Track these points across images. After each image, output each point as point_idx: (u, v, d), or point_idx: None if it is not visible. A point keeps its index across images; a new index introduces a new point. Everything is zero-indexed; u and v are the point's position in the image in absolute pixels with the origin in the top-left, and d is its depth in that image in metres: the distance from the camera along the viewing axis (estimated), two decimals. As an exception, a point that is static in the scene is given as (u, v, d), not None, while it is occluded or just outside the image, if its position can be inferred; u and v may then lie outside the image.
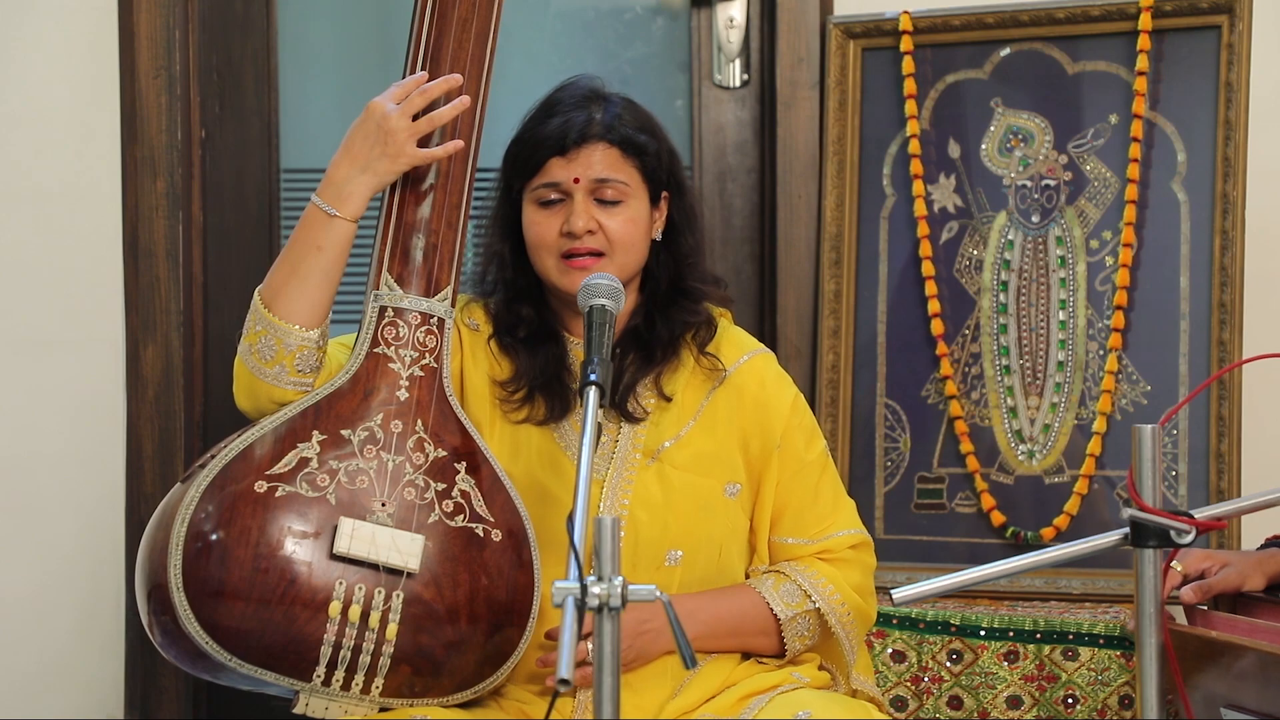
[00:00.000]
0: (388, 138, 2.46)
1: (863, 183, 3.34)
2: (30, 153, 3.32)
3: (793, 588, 2.56)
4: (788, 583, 2.57)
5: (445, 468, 2.48)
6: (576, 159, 2.54)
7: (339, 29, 3.54)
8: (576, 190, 2.54)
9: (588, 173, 2.54)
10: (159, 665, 3.29)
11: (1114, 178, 3.19)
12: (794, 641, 2.57)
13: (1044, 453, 3.19)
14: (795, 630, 2.56)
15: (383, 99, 2.48)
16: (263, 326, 2.47)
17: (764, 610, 2.55)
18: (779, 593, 2.56)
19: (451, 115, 2.50)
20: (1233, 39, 3.12)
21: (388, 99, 2.48)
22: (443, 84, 2.51)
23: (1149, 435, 2.16)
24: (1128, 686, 2.91)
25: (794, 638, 2.56)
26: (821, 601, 2.56)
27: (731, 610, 2.55)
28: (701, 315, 2.63)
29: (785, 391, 2.64)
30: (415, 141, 2.48)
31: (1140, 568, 2.17)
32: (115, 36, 3.32)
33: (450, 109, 2.50)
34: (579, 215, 2.53)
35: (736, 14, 3.43)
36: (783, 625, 2.55)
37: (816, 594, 2.56)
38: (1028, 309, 3.22)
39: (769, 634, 2.57)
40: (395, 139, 2.46)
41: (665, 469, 2.57)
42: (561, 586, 1.98)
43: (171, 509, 2.40)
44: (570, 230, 2.53)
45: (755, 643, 2.57)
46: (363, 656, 2.39)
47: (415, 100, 2.48)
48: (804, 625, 2.57)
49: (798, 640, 2.57)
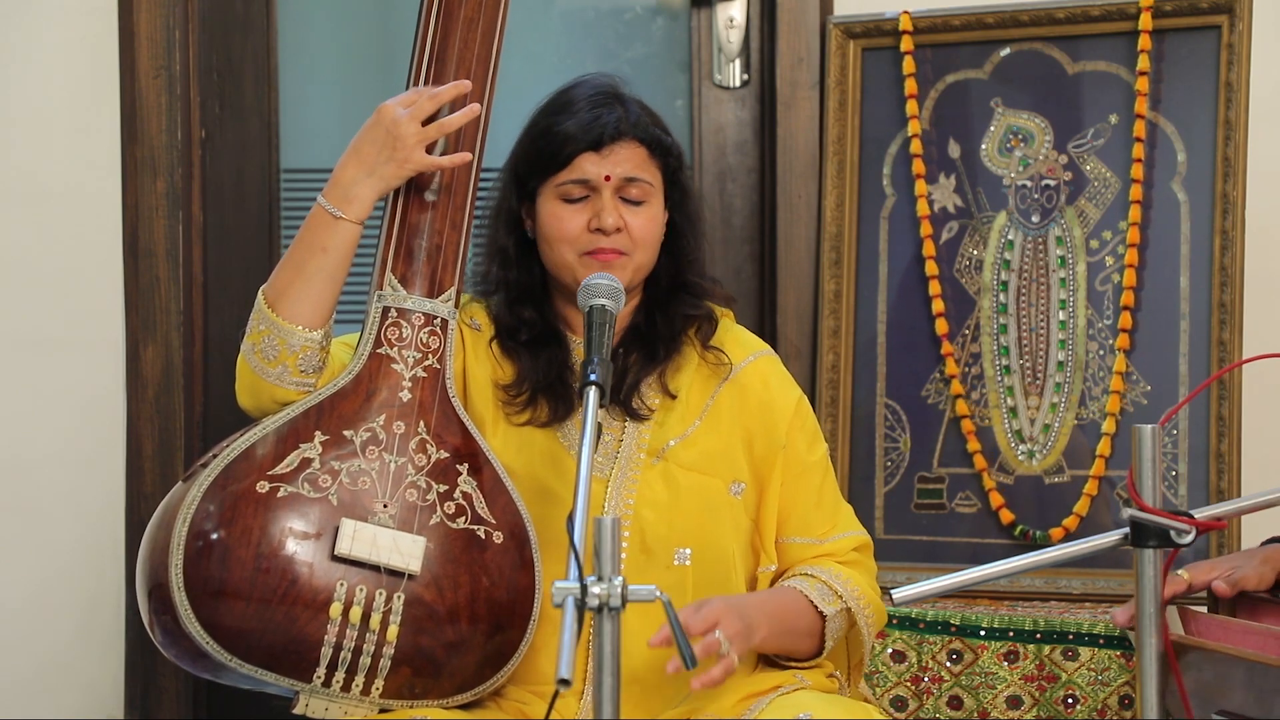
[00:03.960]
0: (396, 142, 2.46)
1: (863, 183, 3.34)
2: (30, 153, 3.32)
3: (824, 589, 2.55)
4: (818, 583, 2.55)
5: (447, 469, 2.48)
6: (610, 156, 2.54)
7: (339, 29, 3.54)
8: (605, 187, 2.54)
9: (618, 170, 2.54)
10: (159, 665, 3.29)
11: (1114, 178, 3.19)
12: (829, 641, 2.55)
13: (1044, 453, 3.19)
14: (833, 629, 2.55)
15: (394, 103, 2.48)
16: (266, 326, 2.47)
17: (810, 610, 2.53)
18: (815, 592, 2.55)
19: (461, 122, 2.50)
20: (1233, 39, 3.12)
21: (398, 104, 2.48)
22: (452, 89, 2.51)
23: (1149, 435, 2.16)
24: (1128, 686, 2.91)
25: (830, 637, 2.55)
26: (851, 601, 2.55)
27: (790, 607, 2.52)
28: (702, 309, 2.63)
29: (790, 393, 2.64)
30: (423, 147, 2.48)
31: (1140, 568, 2.17)
32: (115, 36, 3.31)
33: (460, 116, 2.50)
34: (609, 212, 2.53)
35: (736, 14, 3.43)
36: (826, 623, 2.54)
37: (846, 594, 2.55)
38: (1028, 309, 3.22)
39: (814, 635, 2.55)
40: (404, 144, 2.46)
41: (670, 468, 2.57)
42: (561, 586, 1.98)
43: (173, 508, 2.40)
44: (601, 227, 2.52)
45: (802, 643, 2.55)
46: (363, 658, 2.39)
47: (424, 105, 2.48)
48: (838, 625, 2.56)
49: (831, 640, 2.56)
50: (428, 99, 2.49)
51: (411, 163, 2.48)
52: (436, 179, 2.55)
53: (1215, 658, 2.29)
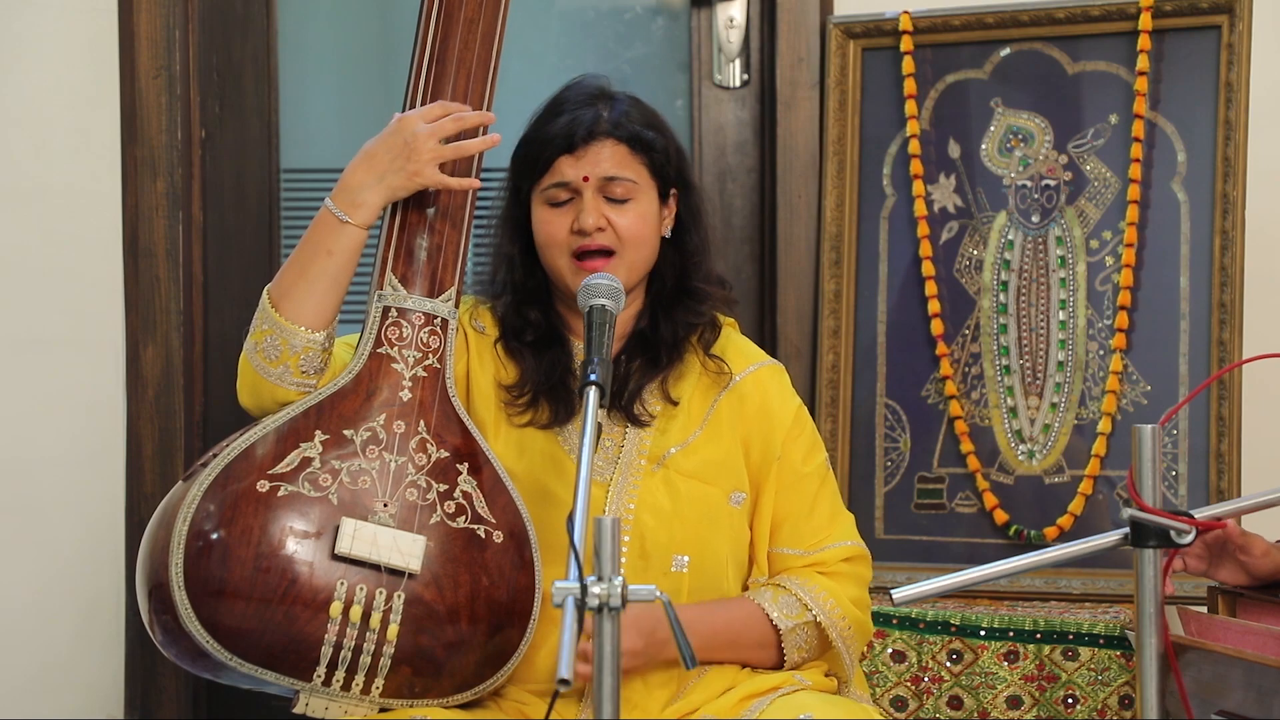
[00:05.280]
0: (412, 154, 2.47)
1: (863, 183, 3.34)
2: (30, 153, 3.32)
3: (791, 599, 2.55)
4: (785, 594, 2.56)
5: (447, 468, 2.48)
6: (585, 157, 2.55)
7: (339, 29, 3.53)
8: (586, 188, 2.55)
9: (596, 170, 2.54)
10: (159, 665, 3.29)
11: (1114, 178, 3.19)
12: (793, 653, 2.55)
13: (1044, 453, 3.19)
14: (794, 642, 2.55)
15: (415, 115, 2.49)
16: (269, 326, 2.47)
17: (763, 622, 2.54)
18: (777, 604, 2.54)
19: (480, 149, 2.52)
20: (1233, 39, 3.12)
21: (420, 117, 2.48)
22: (477, 118, 2.52)
23: (1149, 435, 2.16)
24: (1128, 686, 2.91)
25: (793, 649, 2.55)
26: (821, 614, 2.55)
27: (731, 622, 2.54)
28: (706, 316, 2.63)
29: (789, 403, 2.64)
30: (436, 165, 2.49)
31: (1140, 568, 2.17)
32: (115, 36, 3.31)
33: (479, 142, 2.52)
34: (588, 212, 2.54)
35: (736, 14, 3.43)
36: (782, 636, 2.54)
37: (815, 606, 2.55)
38: (1028, 309, 3.22)
39: (767, 646, 2.55)
40: (419, 157, 2.47)
41: (672, 475, 2.57)
42: (561, 586, 1.98)
43: (173, 508, 2.40)
44: (580, 228, 2.53)
45: (753, 655, 2.56)
46: (363, 657, 2.40)
47: (448, 125, 2.49)
48: (803, 637, 2.55)
49: (796, 652, 2.56)
50: (452, 121, 2.49)
51: (421, 177, 2.48)
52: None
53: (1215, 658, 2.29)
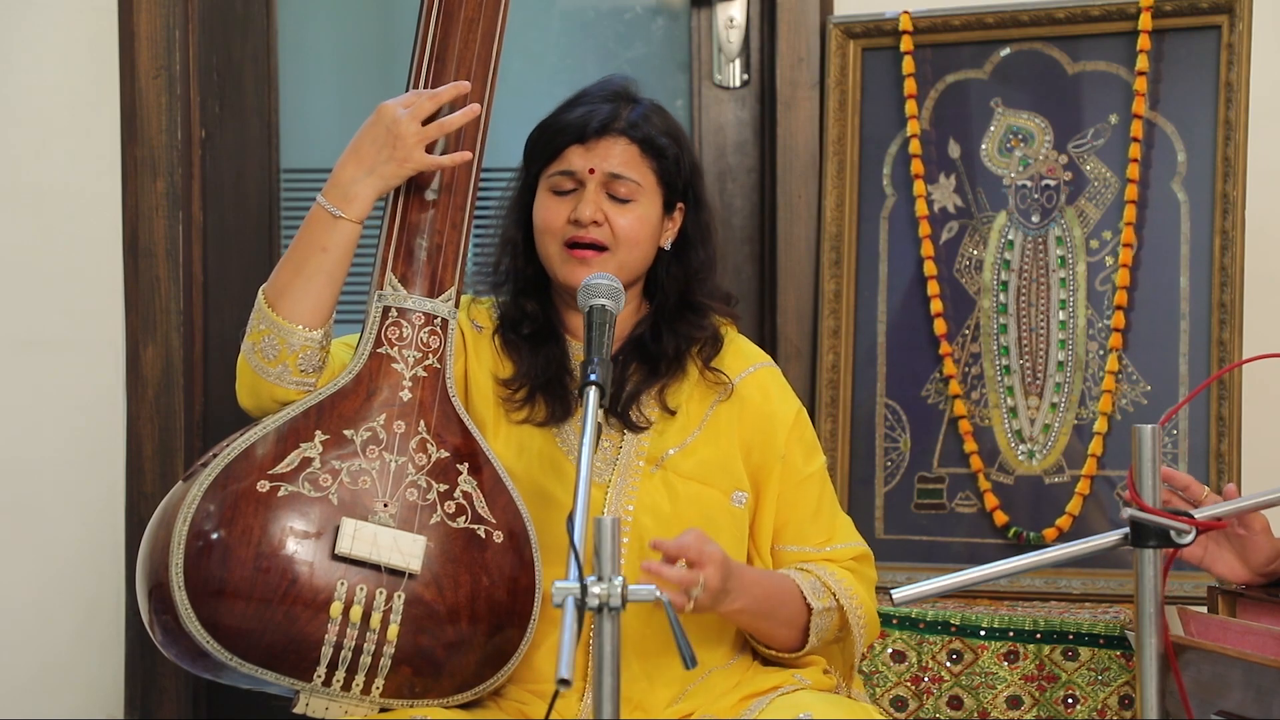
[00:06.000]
0: (397, 141, 2.46)
1: (863, 183, 3.34)
2: (30, 153, 3.32)
3: (817, 584, 2.54)
4: (812, 578, 2.55)
5: (447, 468, 2.48)
6: (595, 149, 2.55)
7: (339, 29, 3.54)
8: (590, 180, 2.55)
9: (603, 165, 2.55)
10: (159, 665, 3.29)
11: (1114, 178, 3.19)
12: (814, 636, 2.54)
13: (1044, 453, 3.19)
14: (819, 625, 2.53)
15: (394, 103, 2.49)
16: (266, 325, 2.47)
17: (799, 599, 2.52)
18: (808, 585, 2.54)
19: (461, 122, 2.51)
20: (1233, 39, 3.12)
21: (398, 103, 2.48)
22: (451, 89, 2.51)
23: (1149, 435, 2.16)
24: (1128, 686, 2.91)
25: (815, 633, 2.53)
26: (845, 600, 2.55)
27: (779, 591, 2.51)
28: (708, 330, 2.62)
29: (789, 404, 2.64)
30: (423, 147, 2.48)
31: (1140, 568, 2.17)
32: (115, 36, 3.32)
33: (460, 116, 2.50)
34: (587, 204, 2.54)
35: (736, 14, 3.43)
36: (812, 617, 2.52)
37: (841, 593, 2.55)
38: (1028, 309, 3.22)
39: (795, 625, 2.53)
40: (404, 142, 2.46)
41: (670, 477, 2.56)
42: (561, 586, 1.98)
43: (173, 508, 2.40)
44: (577, 218, 2.53)
45: (780, 632, 2.54)
46: (363, 657, 2.40)
47: (424, 104, 2.48)
48: (826, 622, 2.54)
49: (817, 636, 2.54)
50: (428, 99, 2.49)
51: (411, 162, 2.48)
52: (437, 179, 2.56)
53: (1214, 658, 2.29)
